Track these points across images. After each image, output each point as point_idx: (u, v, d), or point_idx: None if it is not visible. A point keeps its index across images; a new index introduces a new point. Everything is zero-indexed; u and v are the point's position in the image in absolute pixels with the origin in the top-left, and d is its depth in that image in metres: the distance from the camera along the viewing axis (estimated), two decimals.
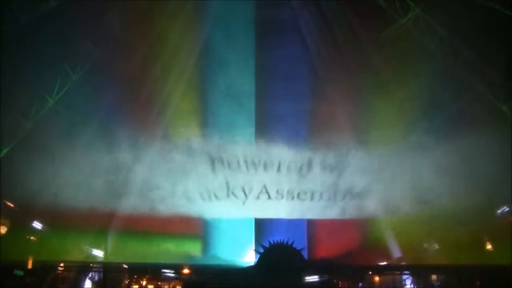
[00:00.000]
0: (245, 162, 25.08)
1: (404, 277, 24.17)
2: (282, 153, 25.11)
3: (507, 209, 23.17)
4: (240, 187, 25.09)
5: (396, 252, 24.68)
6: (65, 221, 23.43)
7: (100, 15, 22.67)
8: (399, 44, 23.22)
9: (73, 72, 22.88)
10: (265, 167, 25.14)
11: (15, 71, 21.06)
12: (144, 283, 25.17)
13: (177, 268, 23.78)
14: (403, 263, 24.58)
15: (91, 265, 23.93)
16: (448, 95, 23.03)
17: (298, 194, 25.19)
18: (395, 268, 24.43)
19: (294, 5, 25.65)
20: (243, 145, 25.00)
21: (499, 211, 23.47)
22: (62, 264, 23.01)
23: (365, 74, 24.09)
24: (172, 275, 24.71)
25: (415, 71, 22.81)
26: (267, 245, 23.42)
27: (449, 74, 22.79)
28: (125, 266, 24.43)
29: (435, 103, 23.18)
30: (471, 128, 22.28)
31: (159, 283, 25.16)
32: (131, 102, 23.71)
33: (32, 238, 23.30)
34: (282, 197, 25.24)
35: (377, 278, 23.92)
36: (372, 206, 24.41)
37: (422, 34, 22.94)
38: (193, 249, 25.21)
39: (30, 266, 21.47)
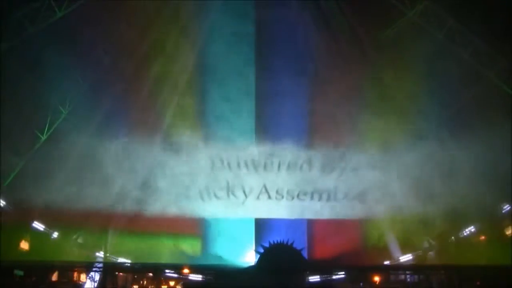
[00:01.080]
0: (245, 162, 25.07)
1: (404, 277, 24.16)
2: (282, 153, 25.10)
3: (508, 208, 23.16)
4: (240, 187, 25.07)
5: (396, 252, 24.68)
6: (65, 221, 23.49)
7: (108, 22, 22.70)
8: (400, 43, 23.21)
9: (84, 80, 23.00)
10: (265, 167, 25.13)
11: (26, 84, 21.19)
12: (144, 283, 25.20)
13: (177, 268, 23.79)
14: (403, 263, 24.57)
15: (91, 265, 23.92)
16: (449, 94, 23.00)
17: (298, 194, 25.16)
18: (395, 268, 24.41)
19: (294, 5, 25.60)
20: (243, 145, 24.98)
21: (500, 211, 23.46)
22: (62, 264, 23.01)
23: (365, 74, 24.06)
24: (172, 275, 24.73)
25: (416, 70, 22.77)
26: (267, 245, 23.40)
27: (450, 74, 22.79)
28: (125, 266, 24.47)
29: (436, 102, 23.16)
30: (472, 128, 22.25)
31: (159, 283, 25.18)
32: (131, 102, 23.75)
33: (32, 238, 23.31)
34: (282, 197, 25.20)
35: (377, 278, 23.90)
36: (372, 206, 24.38)
37: (430, 25, 22.94)
38: (193, 249, 25.21)
39: (30, 266, 21.48)
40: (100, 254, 24.68)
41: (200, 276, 23.84)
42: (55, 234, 24.32)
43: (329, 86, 24.69)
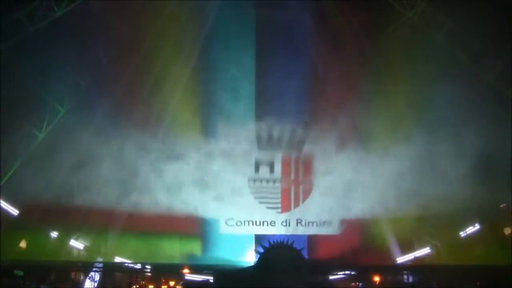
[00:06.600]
0: (246, 162, 25.08)
1: (404, 277, 24.18)
2: (282, 153, 25.13)
3: (508, 207, 23.17)
4: (240, 187, 25.06)
5: (396, 252, 24.67)
6: (65, 221, 23.49)
7: (108, 21, 22.72)
8: (398, 44, 23.24)
9: (84, 80, 22.99)
10: (265, 167, 25.14)
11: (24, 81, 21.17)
12: (144, 283, 25.21)
13: (177, 268, 23.80)
14: (403, 263, 24.57)
15: (91, 265, 23.92)
16: (448, 94, 22.99)
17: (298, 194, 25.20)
18: (395, 268, 24.41)
19: (294, 5, 25.61)
20: (243, 146, 24.98)
21: (499, 210, 23.48)
22: (62, 264, 23.01)
23: (365, 74, 24.07)
24: (172, 275, 24.74)
25: (415, 70, 22.79)
26: (267, 245, 23.41)
27: (449, 73, 22.83)
28: (125, 266, 24.46)
29: (436, 102, 23.16)
30: (472, 127, 22.26)
31: (159, 283, 25.19)
32: (131, 101, 23.76)
33: (32, 238, 23.30)
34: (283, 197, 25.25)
35: (377, 278, 23.91)
36: (372, 206, 24.36)
37: (429, 27, 22.97)
38: (193, 249, 25.18)
39: (30, 266, 21.49)
40: (100, 254, 24.64)
41: (200, 276, 23.85)
42: (55, 234, 24.32)
43: (329, 86, 24.71)
